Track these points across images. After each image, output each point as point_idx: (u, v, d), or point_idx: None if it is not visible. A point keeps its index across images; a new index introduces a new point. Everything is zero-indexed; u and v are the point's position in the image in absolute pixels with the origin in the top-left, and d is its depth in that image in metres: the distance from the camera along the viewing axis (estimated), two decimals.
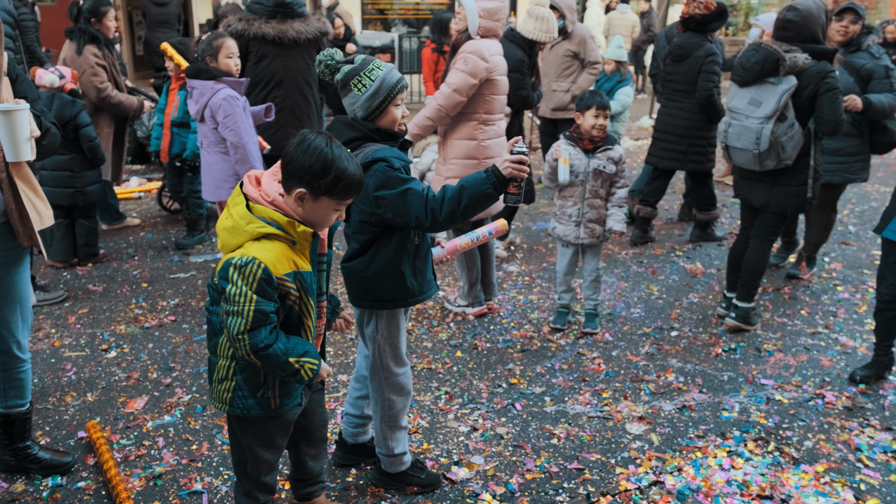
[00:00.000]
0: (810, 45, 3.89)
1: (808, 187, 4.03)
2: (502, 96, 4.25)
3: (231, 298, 1.98)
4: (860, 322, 4.55)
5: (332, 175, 2.00)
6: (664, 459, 3.15)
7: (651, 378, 3.84)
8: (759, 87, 3.94)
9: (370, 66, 2.47)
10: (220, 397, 2.21)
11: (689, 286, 5.09)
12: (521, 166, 2.39)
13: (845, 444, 3.29)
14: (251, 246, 2.02)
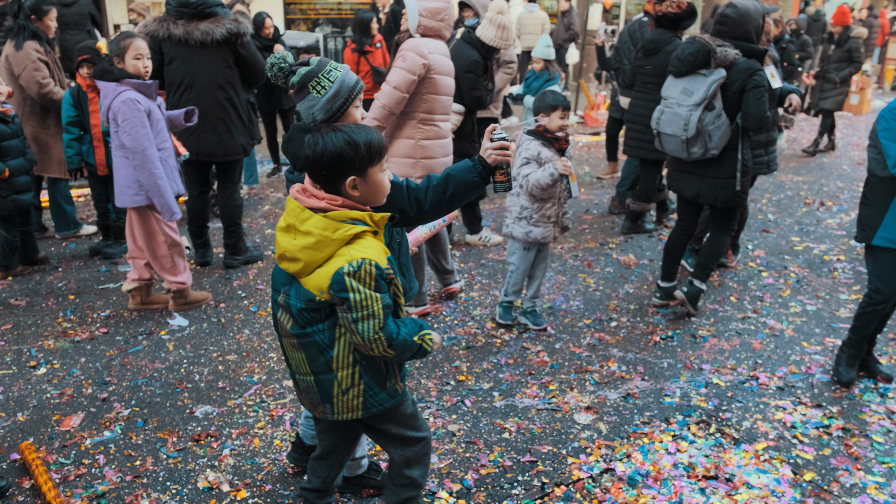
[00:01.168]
0: (742, 42, 4.07)
1: (736, 181, 4.19)
2: (444, 97, 4.22)
3: (357, 305, 1.99)
4: (785, 305, 4.77)
5: (362, 147, 2.03)
6: (613, 447, 3.23)
7: (595, 368, 3.93)
8: (692, 78, 4.12)
9: (327, 67, 2.42)
10: (350, 406, 2.21)
11: (624, 277, 5.23)
12: (503, 152, 2.36)
13: (780, 422, 3.45)
14: (347, 250, 2.01)
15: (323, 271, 2.01)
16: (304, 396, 2.29)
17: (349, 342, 2.12)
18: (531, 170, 4.00)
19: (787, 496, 2.93)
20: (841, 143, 10.36)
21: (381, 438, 2.41)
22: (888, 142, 3.34)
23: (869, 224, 3.53)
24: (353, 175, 2.04)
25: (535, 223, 4.10)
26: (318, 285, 2.02)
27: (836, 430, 3.38)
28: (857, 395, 3.69)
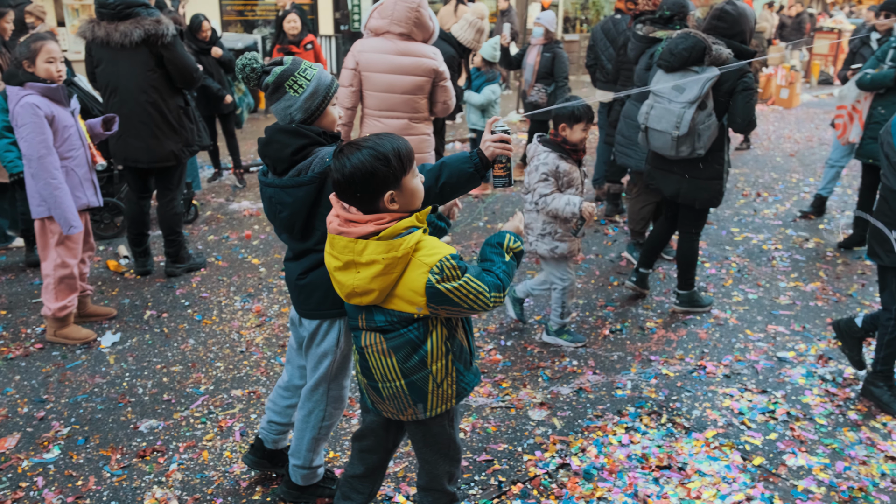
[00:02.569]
0: (735, 42, 4.06)
1: (722, 182, 4.22)
2: (375, 93, 4.29)
3: (463, 298, 1.97)
4: (728, 295, 4.88)
5: (392, 160, 1.95)
6: (568, 442, 3.24)
7: (547, 364, 3.94)
8: (684, 74, 4.03)
9: (302, 66, 2.35)
10: (445, 397, 2.17)
11: None
12: (503, 145, 2.31)
13: (728, 409, 3.52)
14: (419, 259, 1.96)
15: (410, 289, 1.97)
16: (389, 404, 2.20)
17: (441, 333, 2.09)
18: (549, 188, 3.80)
19: (737, 482, 2.98)
20: (773, 135, 10.69)
21: (434, 447, 2.32)
22: None
23: (883, 241, 3.31)
24: (389, 190, 1.97)
25: (561, 238, 3.93)
26: (412, 303, 1.99)
27: (781, 415, 3.47)
28: (799, 379, 3.80)
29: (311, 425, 2.66)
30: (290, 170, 2.31)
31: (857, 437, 3.30)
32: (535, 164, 3.86)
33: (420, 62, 4.24)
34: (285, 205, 2.32)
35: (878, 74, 5.14)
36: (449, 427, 2.29)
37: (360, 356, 2.18)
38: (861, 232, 5.73)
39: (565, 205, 3.76)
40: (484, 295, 2.00)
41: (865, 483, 2.98)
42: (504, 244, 2.15)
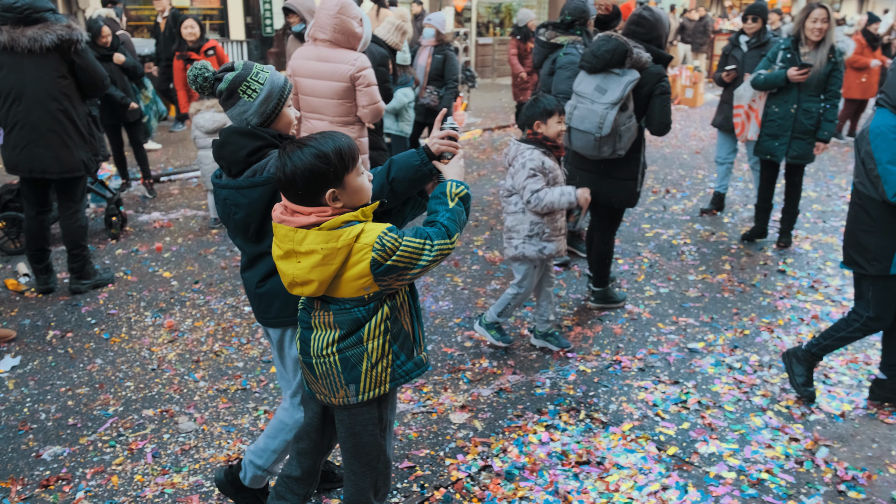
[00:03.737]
0: (653, 46, 4.18)
1: (637, 182, 4.32)
2: (304, 97, 4.46)
3: (407, 265, 1.99)
4: (640, 290, 5.02)
5: (333, 158, 1.98)
6: (489, 443, 3.26)
7: (467, 367, 3.96)
8: (606, 76, 4.10)
9: (254, 69, 2.33)
10: (379, 380, 2.16)
11: (491, 274, 5.32)
12: (450, 142, 2.31)
13: (643, 402, 3.62)
14: (360, 244, 1.97)
15: (353, 274, 2.00)
16: (322, 383, 2.18)
17: (383, 311, 2.10)
18: (539, 183, 3.71)
19: (653, 472, 3.07)
20: (680, 133, 11.10)
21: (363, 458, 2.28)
22: (893, 166, 3.07)
23: (882, 253, 3.23)
24: (331, 188, 1.99)
25: (549, 238, 3.85)
26: (361, 287, 2.02)
27: (693, 404, 3.59)
28: (709, 369, 3.94)
29: (289, 426, 2.62)
30: (246, 171, 2.31)
31: (763, 421, 3.45)
32: (519, 163, 3.76)
33: (336, 68, 4.30)
34: (240, 206, 2.31)
35: (770, 75, 5.39)
36: (380, 435, 2.28)
37: (305, 327, 2.19)
38: (762, 225, 6.00)
39: (560, 195, 3.69)
40: (426, 247, 2.02)
41: (772, 465, 3.12)
42: (447, 192, 2.17)
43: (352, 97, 4.41)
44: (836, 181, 8.18)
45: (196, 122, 5.99)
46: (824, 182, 8.12)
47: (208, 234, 6.13)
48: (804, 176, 5.81)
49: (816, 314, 4.62)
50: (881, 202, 3.17)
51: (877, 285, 3.31)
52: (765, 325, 4.47)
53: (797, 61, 5.31)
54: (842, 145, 10.29)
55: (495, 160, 9.18)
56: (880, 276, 3.27)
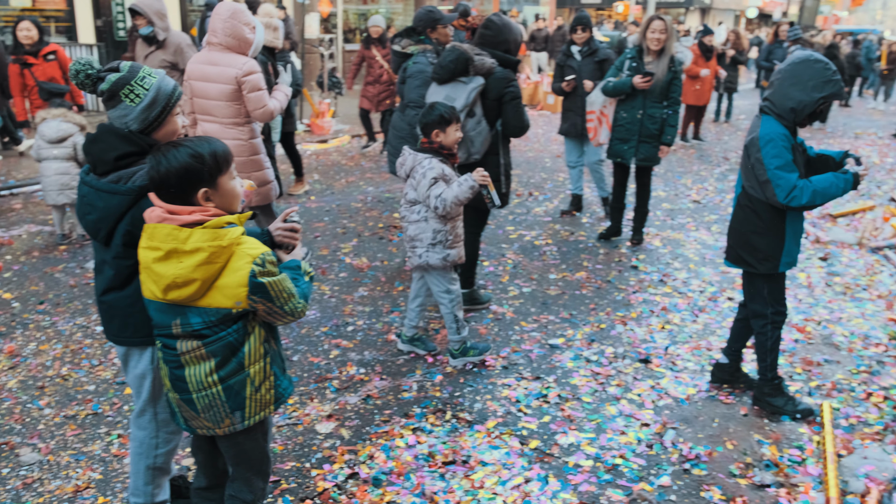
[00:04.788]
0: (499, 52, 4.31)
1: (500, 183, 4.43)
2: (196, 99, 4.55)
3: (280, 296, 2.06)
4: (504, 290, 5.17)
5: (207, 158, 2.02)
6: (356, 451, 3.25)
7: (334, 375, 3.93)
8: (454, 85, 4.23)
9: (141, 73, 2.23)
10: (264, 402, 2.19)
11: (358, 280, 5.30)
12: (293, 234, 2.36)
13: (507, 398, 3.73)
14: (241, 252, 2.01)
15: (230, 282, 2.00)
16: (204, 416, 2.16)
17: (259, 334, 2.15)
18: (442, 188, 3.69)
19: (516, 466, 3.17)
20: (542, 138, 11.53)
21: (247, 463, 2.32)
22: (782, 171, 3.22)
23: (771, 253, 3.41)
24: (203, 187, 2.03)
25: (451, 245, 3.84)
26: (233, 297, 2.02)
27: (553, 398, 3.74)
28: (568, 363, 4.11)
29: (144, 454, 2.52)
30: (112, 174, 2.24)
31: (617, 409, 3.64)
32: (420, 173, 3.73)
33: (224, 71, 4.42)
34: (94, 208, 2.24)
35: (617, 82, 5.71)
36: (262, 441, 2.29)
37: (175, 366, 2.13)
38: (617, 224, 6.33)
39: (459, 186, 3.66)
40: (295, 297, 2.11)
41: (625, 451, 3.30)
42: (302, 268, 2.26)
43: (240, 100, 4.50)
44: (683, 181, 8.77)
45: (40, 130, 5.62)
46: (672, 182, 8.68)
47: (56, 251, 5.74)
48: (654, 177, 6.19)
49: (665, 306, 4.94)
50: (766, 206, 3.34)
51: (769, 283, 3.50)
52: (619, 319, 4.72)
53: (641, 70, 5.65)
54: (687, 147, 11.04)
55: (363, 166, 9.16)
56: (771, 273, 3.46)
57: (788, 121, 3.27)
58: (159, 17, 5.75)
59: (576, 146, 6.88)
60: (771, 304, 3.52)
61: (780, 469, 3.20)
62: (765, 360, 3.61)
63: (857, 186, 3.29)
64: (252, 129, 4.65)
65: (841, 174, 3.26)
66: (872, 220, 7.07)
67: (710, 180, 8.84)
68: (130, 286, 2.29)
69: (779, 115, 3.28)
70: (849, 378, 4.01)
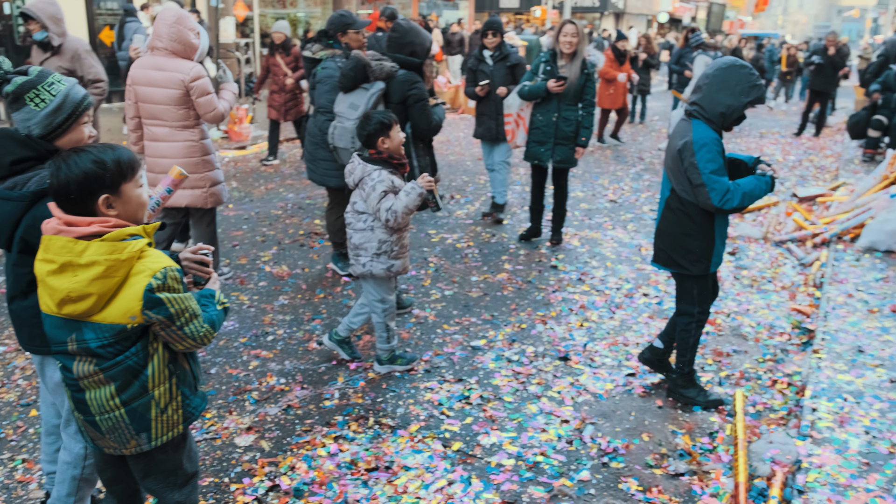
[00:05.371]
0: (401, 55, 4.34)
1: None
2: (143, 104, 4.63)
3: (179, 314, 1.99)
4: (427, 294, 5.19)
5: (109, 164, 1.95)
6: (277, 463, 3.20)
7: (254, 386, 3.85)
8: (357, 92, 4.32)
9: (49, 79, 2.19)
10: (171, 423, 2.13)
11: (279, 289, 5.22)
12: (202, 268, 2.32)
13: (430, 402, 3.74)
14: (142, 266, 1.95)
15: (126, 296, 1.93)
16: (110, 437, 2.10)
17: (163, 355, 2.07)
18: (391, 201, 3.65)
19: (439, 469, 3.18)
20: (464, 142, 11.62)
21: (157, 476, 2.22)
22: (716, 175, 3.29)
23: (703, 255, 3.50)
24: (105, 193, 1.96)
25: (396, 255, 3.80)
26: (127, 311, 1.94)
27: (475, 399, 3.77)
28: (490, 364, 4.16)
29: (72, 464, 2.45)
30: (8, 179, 2.19)
31: (537, 407, 3.70)
32: (370, 184, 3.66)
33: (171, 76, 4.50)
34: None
35: (532, 86, 5.82)
36: (174, 452, 2.22)
37: (74, 389, 2.06)
38: (536, 225, 6.44)
39: (407, 196, 3.64)
40: (199, 320, 2.05)
41: (546, 448, 3.36)
42: (216, 296, 2.22)
43: (188, 103, 4.60)
44: (600, 181, 8.99)
45: None
46: (590, 183, 8.89)
47: None
48: (572, 178, 6.33)
49: (584, 304, 5.05)
50: (698, 209, 3.41)
51: (699, 283, 3.61)
52: (539, 318, 4.80)
53: (555, 73, 5.77)
54: (604, 148, 11.34)
55: (283, 173, 9.03)
56: (702, 275, 3.57)
57: (718, 125, 3.37)
58: (54, 21, 5.51)
59: (490, 149, 6.96)
60: (699, 303, 3.63)
61: (693, 457, 3.31)
62: (684, 356, 3.74)
63: (773, 189, 3.45)
64: (202, 131, 4.76)
65: (761, 177, 3.40)
66: (776, 216, 7.44)
67: (625, 180, 9.10)
68: (33, 295, 2.23)
69: (709, 119, 3.37)
70: (755, 367, 4.20)
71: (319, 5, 19.52)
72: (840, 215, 6.81)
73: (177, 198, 4.71)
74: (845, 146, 11.44)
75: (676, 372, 3.80)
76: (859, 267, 5.66)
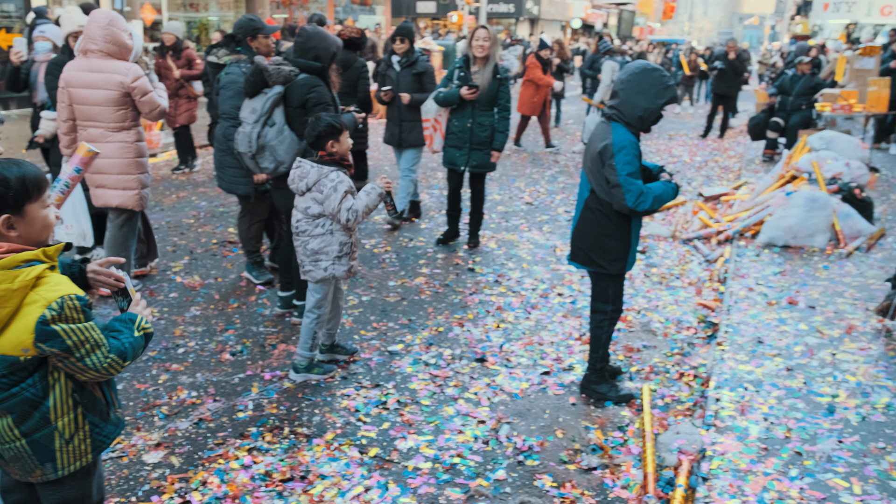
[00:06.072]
0: (301, 59, 4.33)
1: None
2: (77, 105, 4.65)
3: (77, 345, 1.87)
4: (344, 300, 5.14)
5: (13, 182, 1.84)
6: (188, 478, 3.11)
7: (163, 401, 3.73)
8: (258, 98, 4.34)
9: None
10: (78, 453, 2.03)
11: (190, 300, 5.08)
12: (106, 279, 2.18)
13: (346, 409, 3.71)
14: (36, 295, 1.83)
15: (17, 328, 1.83)
16: (14, 465, 2.02)
17: (66, 385, 1.97)
18: (352, 202, 3.67)
19: (356, 476, 3.16)
20: (381, 147, 11.58)
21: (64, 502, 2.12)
22: (632, 178, 3.40)
23: (620, 254, 3.62)
24: (6, 213, 1.85)
25: (353, 256, 3.87)
26: (19, 344, 1.83)
27: (392, 404, 3.76)
28: (407, 368, 4.16)
29: None
30: None
31: (454, 410, 3.73)
32: (328, 187, 3.65)
33: (109, 77, 4.56)
34: None
35: (447, 93, 5.86)
36: (84, 479, 2.12)
37: None
38: (454, 228, 6.48)
39: (368, 195, 3.70)
40: (102, 350, 1.93)
41: (462, 449, 3.38)
42: (136, 322, 2.09)
43: (126, 104, 4.66)
44: (517, 184, 9.14)
45: None
46: (507, 186, 9.03)
47: None
48: (490, 181, 6.40)
49: (500, 305, 5.12)
50: (614, 211, 3.52)
51: (615, 283, 3.73)
52: (457, 321, 4.84)
53: (469, 79, 5.83)
54: (521, 152, 11.53)
55: (195, 181, 8.80)
56: (619, 274, 3.69)
57: (637, 128, 3.50)
58: None
59: (400, 155, 6.96)
60: (613, 301, 3.76)
61: (605, 451, 3.41)
62: (597, 352, 3.84)
63: (677, 195, 3.63)
64: (138, 132, 4.84)
65: (668, 182, 3.56)
66: (684, 215, 7.73)
67: (541, 182, 9.28)
68: None
69: (628, 122, 3.49)
70: (664, 361, 4.35)
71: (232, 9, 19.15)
72: (742, 213, 7.14)
73: (108, 198, 4.81)
74: (747, 147, 12.01)
75: (589, 369, 3.90)
76: (759, 262, 5.94)
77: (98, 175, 4.73)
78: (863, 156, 8.45)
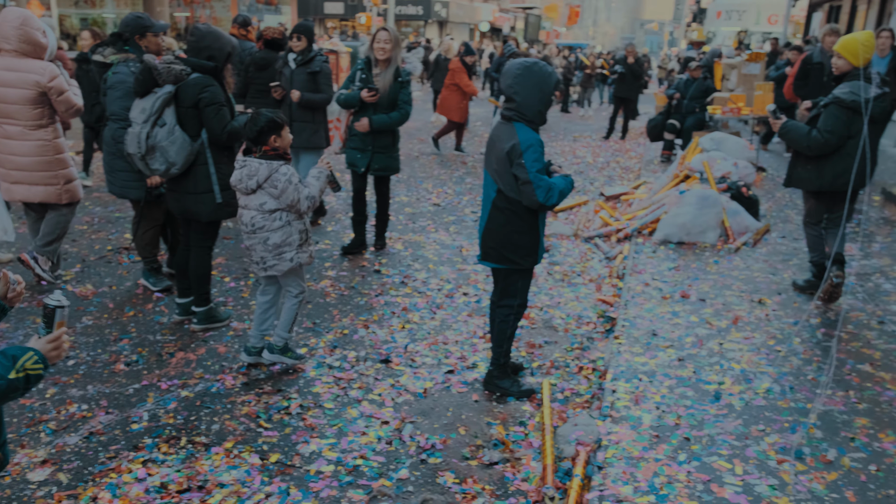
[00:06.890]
0: (194, 59, 4.24)
1: (215, 194, 4.34)
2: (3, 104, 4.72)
3: None
4: (246, 306, 5.05)
5: None
6: (77, 495, 2.98)
7: (51, 416, 3.56)
8: (148, 98, 4.22)
9: None
10: None
11: (82, 309, 4.86)
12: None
13: (247, 415, 3.64)
14: None
15: None
16: None
17: None
18: (306, 189, 3.83)
19: (256, 483, 3.10)
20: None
21: None
22: (540, 174, 3.51)
23: (531, 249, 3.72)
24: None
25: (309, 242, 4.00)
26: None
27: (295, 409, 3.72)
28: (311, 372, 4.12)
29: None
30: None
31: (358, 412, 3.72)
32: (283, 179, 3.74)
33: (24, 76, 4.61)
34: None
35: (348, 95, 5.82)
36: None
37: None
38: (360, 237, 6.35)
39: (318, 180, 3.90)
40: None
41: (365, 451, 3.38)
42: (20, 362, 1.92)
43: (42, 103, 4.72)
44: (425, 185, 9.18)
45: None
46: (415, 187, 9.06)
47: None
48: (398, 182, 6.40)
49: (406, 306, 5.13)
50: (524, 207, 3.60)
51: (524, 277, 3.83)
52: (362, 323, 4.83)
53: (370, 81, 5.82)
54: (429, 154, 11.60)
55: (90, 186, 8.41)
56: (529, 268, 3.79)
57: (538, 123, 3.63)
58: None
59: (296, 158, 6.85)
60: (520, 295, 3.85)
61: (506, 446, 3.48)
62: (501, 347, 3.93)
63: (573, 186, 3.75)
64: (56, 129, 4.91)
65: (566, 177, 3.69)
66: (586, 214, 7.98)
67: (448, 184, 9.36)
68: None
69: (530, 120, 3.60)
70: (564, 356, 4.48)
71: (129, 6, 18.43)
72: (640, 211, 7.43)
73: (30, 194, 4.93)
74: (647, 148, 12.50)
75: (492, 364, 3.97)
76: (655, 258, 6.20)
77: (16, 171, 4.87)
78: (750, 156, 8.95)
